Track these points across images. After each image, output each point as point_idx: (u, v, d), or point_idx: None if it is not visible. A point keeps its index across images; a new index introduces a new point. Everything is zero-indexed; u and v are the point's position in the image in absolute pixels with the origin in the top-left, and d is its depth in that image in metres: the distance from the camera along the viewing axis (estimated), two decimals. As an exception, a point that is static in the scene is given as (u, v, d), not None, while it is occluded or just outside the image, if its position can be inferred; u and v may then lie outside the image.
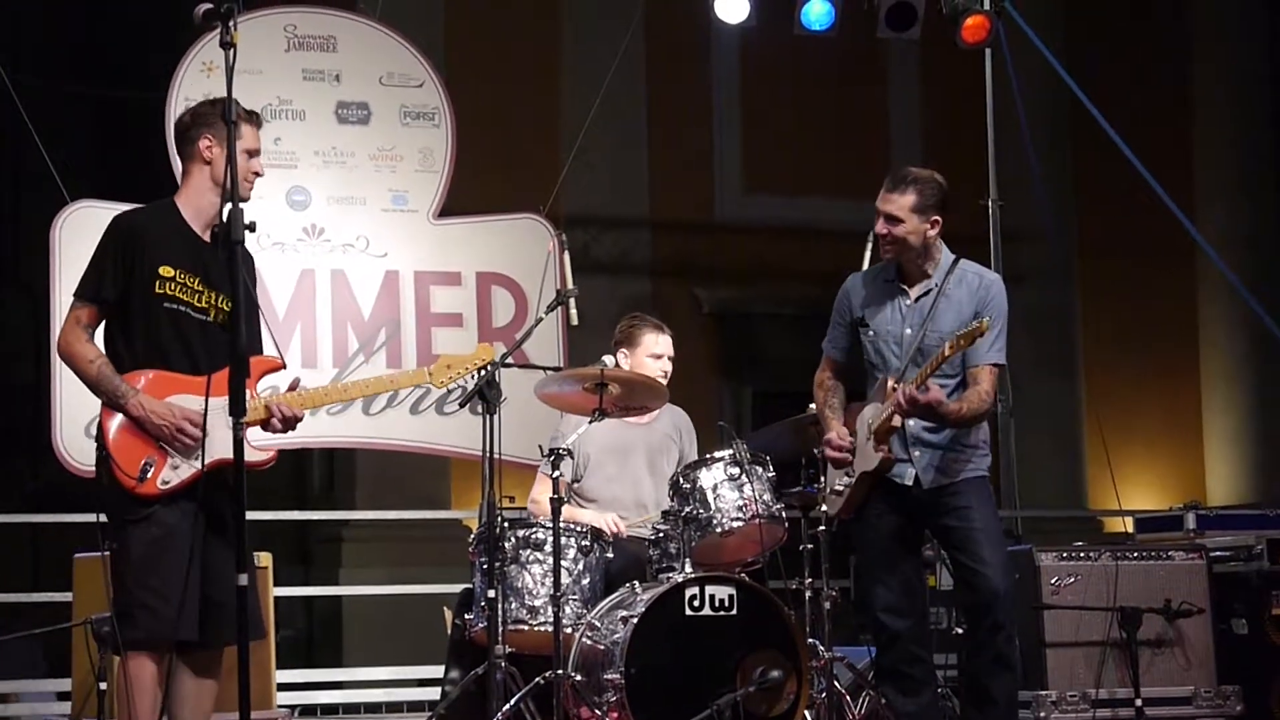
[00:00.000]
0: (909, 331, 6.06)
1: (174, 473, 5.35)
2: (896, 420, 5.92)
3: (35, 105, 9.38)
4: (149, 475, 5.33)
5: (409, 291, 9.04)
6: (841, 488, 6.19)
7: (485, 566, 6.47)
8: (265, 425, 5.52)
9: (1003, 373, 6.29)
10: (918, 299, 6.10)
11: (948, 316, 5.99)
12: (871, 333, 6.16)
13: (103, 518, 5.43)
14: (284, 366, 5.68)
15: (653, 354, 7.38)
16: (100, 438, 5.41)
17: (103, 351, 5.44)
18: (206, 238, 5.57)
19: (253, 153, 5.60)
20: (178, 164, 5.86)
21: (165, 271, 5.43)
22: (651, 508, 7.25)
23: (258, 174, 5.65)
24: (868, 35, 10.30)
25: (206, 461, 5.34)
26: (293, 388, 5.61)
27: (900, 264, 6.16)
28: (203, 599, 5.36)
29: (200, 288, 5.49)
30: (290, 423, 5.54)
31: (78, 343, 5.43)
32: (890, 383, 5.93)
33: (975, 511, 6.01)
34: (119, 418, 5.38)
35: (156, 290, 5.43)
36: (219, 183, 5.49)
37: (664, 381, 7.25)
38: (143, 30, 15.18)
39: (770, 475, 6.89)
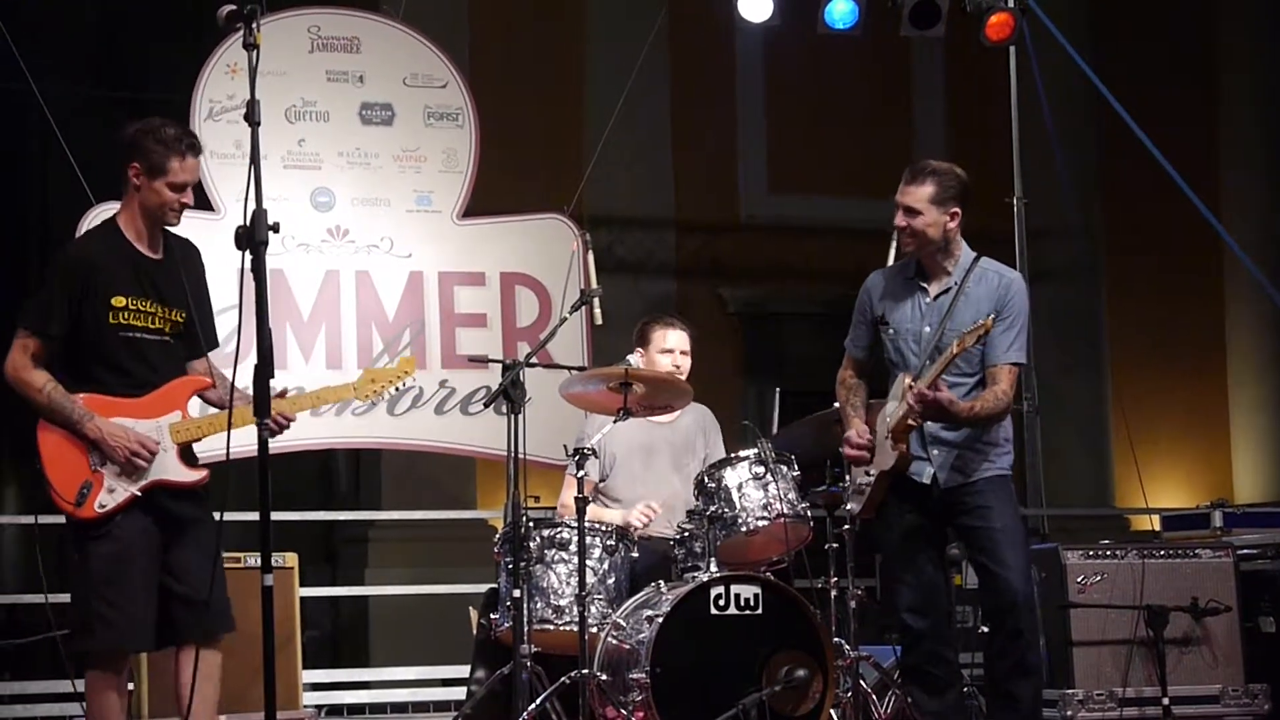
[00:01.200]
0: (928, 329, 6.04)
1: (110, 496, 5.43)
2: (913, 418, 5.90)
3: (61, 108, 9.41)
4: (86, 498, 5.40)
5: (433, 292, 9.05)
6: (864, 486, 6.19)
7: (510, 566, 6.47)
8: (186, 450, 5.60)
9: (1025, 371, 6.26)
10: (937, 297, 6.08)
11: (966, 315, 5.96)
12: (891, 330, 6.15)
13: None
14: (213, 385, 5.69)
15: (662, 349, 7.38)
16: (36, 458, 5.47)
17: (51, 377, 5.50)
18: (153, 254, 5.65)
19: (180, 186, 5.61)
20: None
21: (118, 302, 5.52)
22: (679, 506, 7.24)
23: (186, 204, 5.69)
24: (891, 33, 10.28)
25: (144, 483, 5.47)
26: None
27: (920, 261, 6.14)
28: (175, 599, 5.47)
29: (152, 309, 5.58)
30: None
31: (25, 371, 5.50)
32: (907, 380, 5.91)
33: (995, 512, 5.98)
34: (52, 439, 5.45)
35: (111, 320, 5.51)
36: (148, 208, 5.62)
37: (680, 377, 7.24)
38: (167, 32, 15.22)
39: (795, 474, 6.88)
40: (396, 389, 6.07)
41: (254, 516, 4.91)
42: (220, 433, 5.59)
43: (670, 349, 7.38)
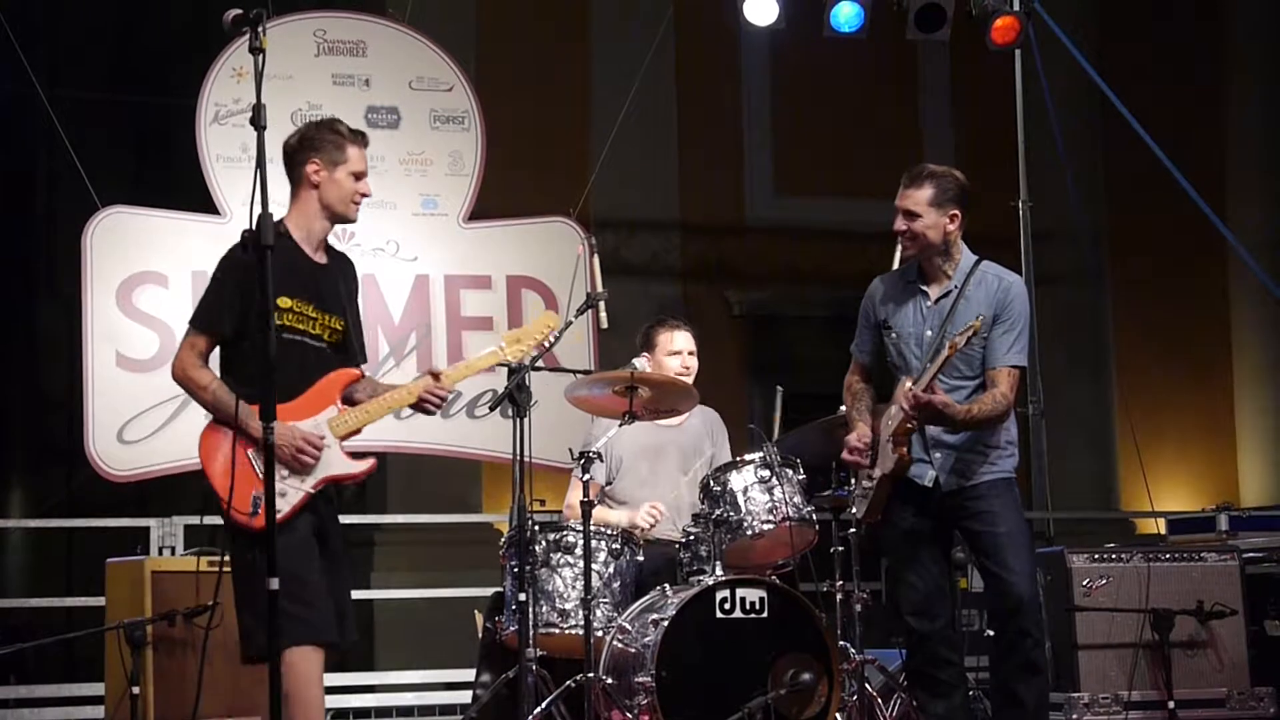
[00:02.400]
0: (929, 333, 6.04)
1: (284, 500, 5.31)
2: (913, 422, 5.90)
3: (67, 113, 9.44)
4: (260, 507, 5.21)
5: (439, 295, 9.06)
6: (868, 489, 6.18)
7: (516, 570, 6.47)
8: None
9: (1030, 374, 6.25)
10: (937, 300, 6.09)
11: (966, 318, 5.96)
12: (894, 335, 6.15)
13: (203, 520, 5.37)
14: (361, 376, 5.66)
15: (670, 351, 7.34)
16: (203, 475, 5.39)
17: (217, 375, 5.43)
18: (318, 258, 5.59)
19: (359, 174, 5.60)
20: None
21: (283, 303, 5.42)
22: (686, 509, 7.24)
23: (365, 195, 5.66)
24: (897, 37, 10.29)
25: (315, 480, 5.42)
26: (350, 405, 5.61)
27: (921, 265, 6.15)
28: None
29: (315, 314, 5.51)
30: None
31: (193, 369, 5.42)
32: (907, 384, 5.92)
33: (1000, 515, 5.98)
34: (220, 454, 5.34)
35: (276, 321, 5.34)
36: (328, 206, 5.57)
37: (689, 377, 7.24)
38: (174, 37, 15.24)
39: (801, 478, 6.88)
40: (546, 344, 6.06)
41: (259, 520, 4.91)
42: (378, 420, 5.63)
43: (679, 350, 7.36)
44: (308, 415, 5.45)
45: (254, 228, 4.81)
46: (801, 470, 6.90)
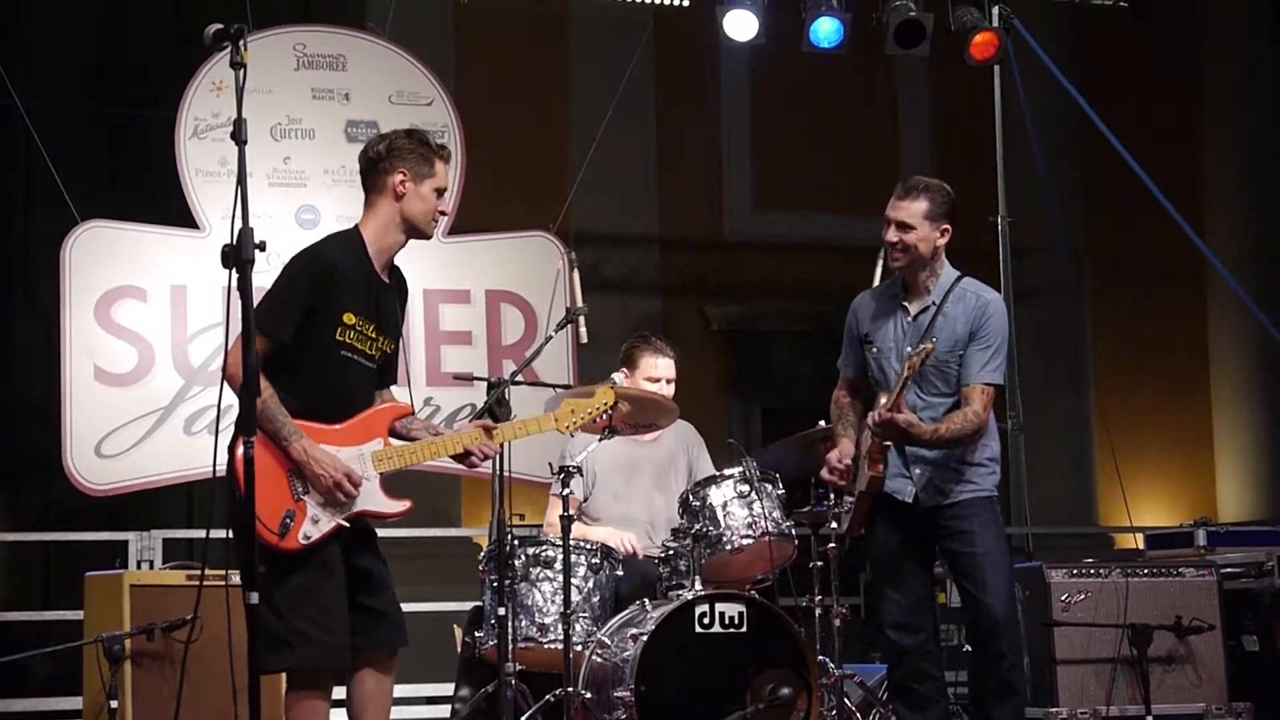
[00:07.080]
0: (908, 349, 6.03)
1: (314, 526, 5.22)
2: (885, 440, 5.90)
3: (46, 125, 9.41)
4: (290, 529, 5.17)
5: (418, 309, 9.05)
6: (851, 505, 6.19)
7: (495, 584, 6.47)
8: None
9: (1009, 389, 6.24)
10: (916, 316, 6.09)
11: (944, 335, 5.97)
12: (875, 350, 6.15)
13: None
14: (411, 412, 5.57)
15: (649, 378, 7.32)
16: (233, 485, 5.09)
17: (270, 385, 5.17)
18: (384, 277, 5.47)
19: (441, 190, 5.49)
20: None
21: (349, 319, 5.30)
22: (661, 525, 7.24)
23: (444, 213, 5.57)
24: (877, 52, 10.30)
25: (349, 514, 5.30)
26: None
27: (905, 280, 6.15)
28: (362, 610, 5.34)
29: (374, 334, 5.39)
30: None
31: None
32: (882, 399, 5.92)
33: (979, 535, 5.97)
34: (259, 466, 4.99)
35: (337, 337, 5.29)
36: (409, 219, 5.44)
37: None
38: (153, 50, 15.21)
39: (780, 492, 6.89)
40: (602, 418, 6.00)
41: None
42: (423, 462, 5.50)
43: (658, 377, 7.33)
44: (352, 443, 5.34)
45: (234, 242, 4.78)
46: (780, 485, 6.91)
